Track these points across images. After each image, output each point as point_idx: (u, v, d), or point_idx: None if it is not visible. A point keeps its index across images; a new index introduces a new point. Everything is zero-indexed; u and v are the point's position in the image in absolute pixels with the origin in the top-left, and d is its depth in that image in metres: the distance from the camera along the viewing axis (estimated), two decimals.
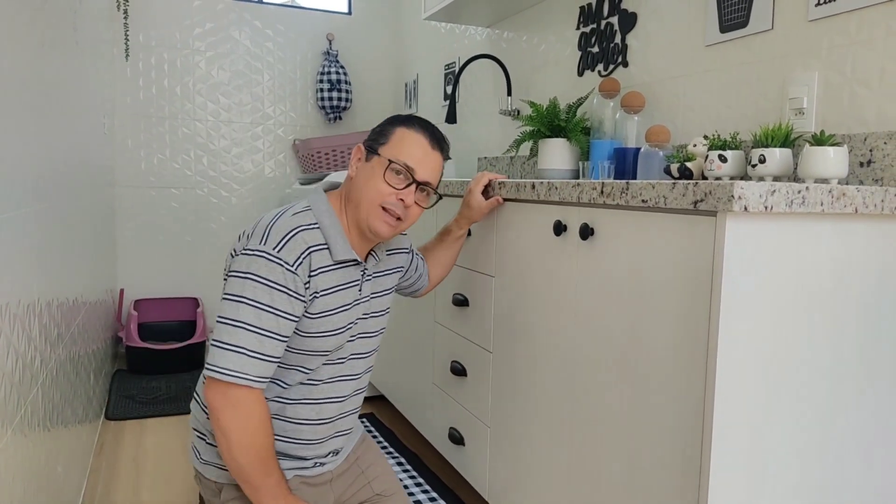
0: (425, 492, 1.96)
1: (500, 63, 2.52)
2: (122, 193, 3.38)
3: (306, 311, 1.18)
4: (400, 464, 2.15)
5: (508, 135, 2.64)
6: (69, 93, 1.84)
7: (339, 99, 3.62)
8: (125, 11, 3.09)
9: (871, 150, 1.27)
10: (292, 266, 1.13)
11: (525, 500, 1.48)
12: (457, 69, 3.03)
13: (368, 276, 1.30)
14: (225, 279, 1.18)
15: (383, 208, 1.20)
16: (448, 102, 2.51)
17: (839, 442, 1.06)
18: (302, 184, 3.07)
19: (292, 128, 3.70)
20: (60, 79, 1.69)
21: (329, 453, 1.34)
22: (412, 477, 2.06)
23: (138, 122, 3.38)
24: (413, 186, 1.22)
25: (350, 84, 3.67)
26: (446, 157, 1.29)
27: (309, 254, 1.16)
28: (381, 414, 2.63)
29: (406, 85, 3.70)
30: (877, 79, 1.27)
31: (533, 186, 1.38)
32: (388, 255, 1.39)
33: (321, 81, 3.62)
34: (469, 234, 1.72)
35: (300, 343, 1.20)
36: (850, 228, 1.02)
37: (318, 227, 1.20)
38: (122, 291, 3.35)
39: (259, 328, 1.11)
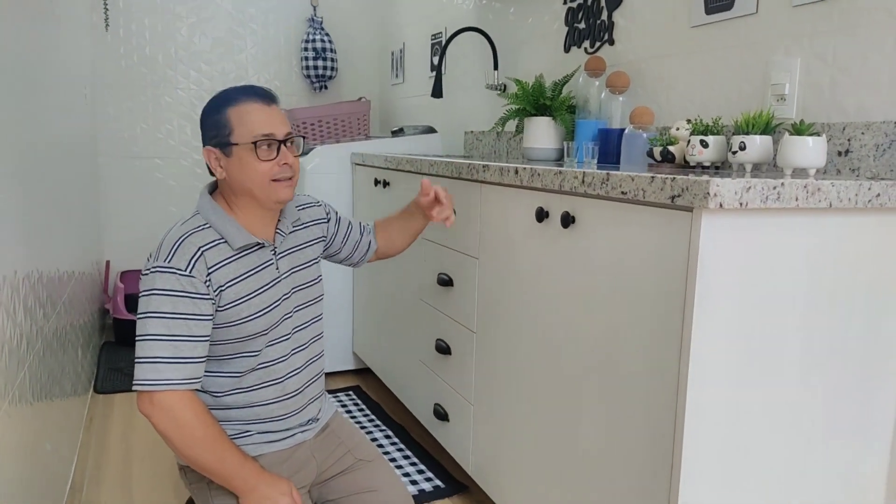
0: (413, 464, 2.01)
1: (486, 36, 2.49)
2: (106, 164, 3.35)
3: (218, 306, 1.23)
4: (388, 436, 2.20)
5: (495, 109, 2.63)
6: (48, 64, 1.81)
7: (325, 68, 3.57)
8: None
9: (849, 140, 1.29)
10: (185, 270, 1.19)
11: (506, 475, 1.53)
12: (443, 40, 3.00)
13: (281, 253, 1.35)
14: None
15: (273, 180, 1.25)
16: (434, 75, 2.49)
17: (809, 431, 1.10)
18: None
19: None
20: (38, 50, 1.66)
21: (309, 420, 1.40)
22: (399, 449, 2.11)
23: (120, 90, 3.32)
24: (283, 147, 1.26)
25: (335, 52, 3.62)
26: (279, 102, 1.32)
27: (201, 254, 1.22)
28: (367, 387, 2.67)
29: (392, 54, 3.66)
30: (857, 68, 1.28)
31: (516, 171, 1.39)
32: (300, 228, 1.42)
33: (306, 49, 3.56)
34: (454, 213, 1.73)
35: (229, 332, 1.26)
36: (824, 222, 1.04)
37: (209, 227, 1.25)
38: (108, 263, 3.34)
39: (170, 335, 1.18)
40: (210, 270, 1.22)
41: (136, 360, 1.18)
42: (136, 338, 1.20)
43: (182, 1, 3.39)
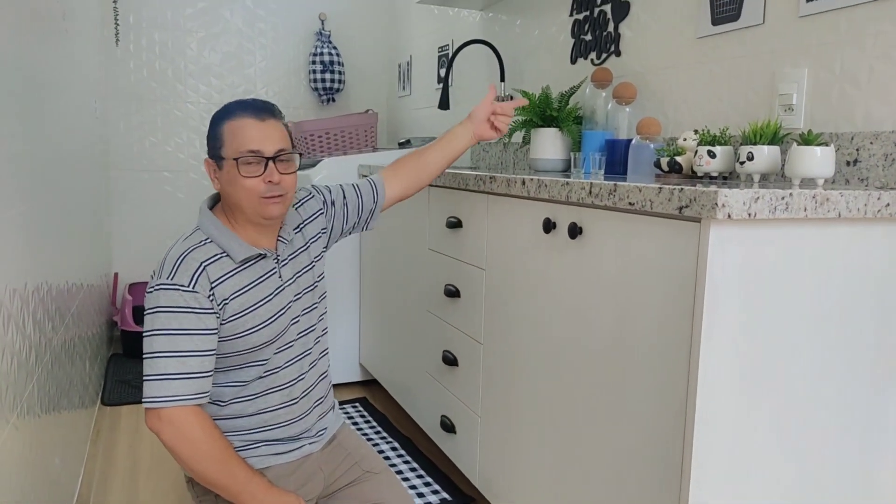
0: (420, 476, 2.00)
1: (493, 48, 2.50)
2: (116, 177, 3.37)
3: (222, 319, 1.24)
4: (394, 448, 2.19)
5: None
6: (58, 78, 1.83)
7: (333, 80, 3.59)
8: None
9: (857, 150, 1.28)
10: (188, 286, 1.20)
11: (514, 488, 1.51)
12: (450, 52, 3.01)
13: (283, 260, 1.34)
14: None
15: (262, 198, 1.24)
16: (441, 87, 2.50)
17: (819, 441, 1.09)
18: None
19: (285, 110, 3.68)
20: (49, 65, 1.68)
21: (316, 427, 1.39)
22: (406, 461, 2.09)
23: (130, 104, 3.35)
24: (270, 164, 1.24)
25: (343, 65, 3.64)
26: (281, 117, 1.30)
27: (203, 269, 1.22)
28: (373, 398, 2.66)
29: (399, 66, 3.68)
30: (865, 78, 1.28)
31: (523, 182, 1.39)
32: (299, 231, 1.41)
33: (314, 63, 3.59)
34: (461, 224, 1.73)
35: (235, 345, 1.26)
36: (833, 232, 1.03)
37: (210, 242, 1.25)
38: (116, 275, 3.36)
39: (177, 351, 1.18)
40: (213, 285, 1.22)
41: (145, 378, 1.19)
42: (144, 355, 1.20)
43: (192, 16, 3.43)
